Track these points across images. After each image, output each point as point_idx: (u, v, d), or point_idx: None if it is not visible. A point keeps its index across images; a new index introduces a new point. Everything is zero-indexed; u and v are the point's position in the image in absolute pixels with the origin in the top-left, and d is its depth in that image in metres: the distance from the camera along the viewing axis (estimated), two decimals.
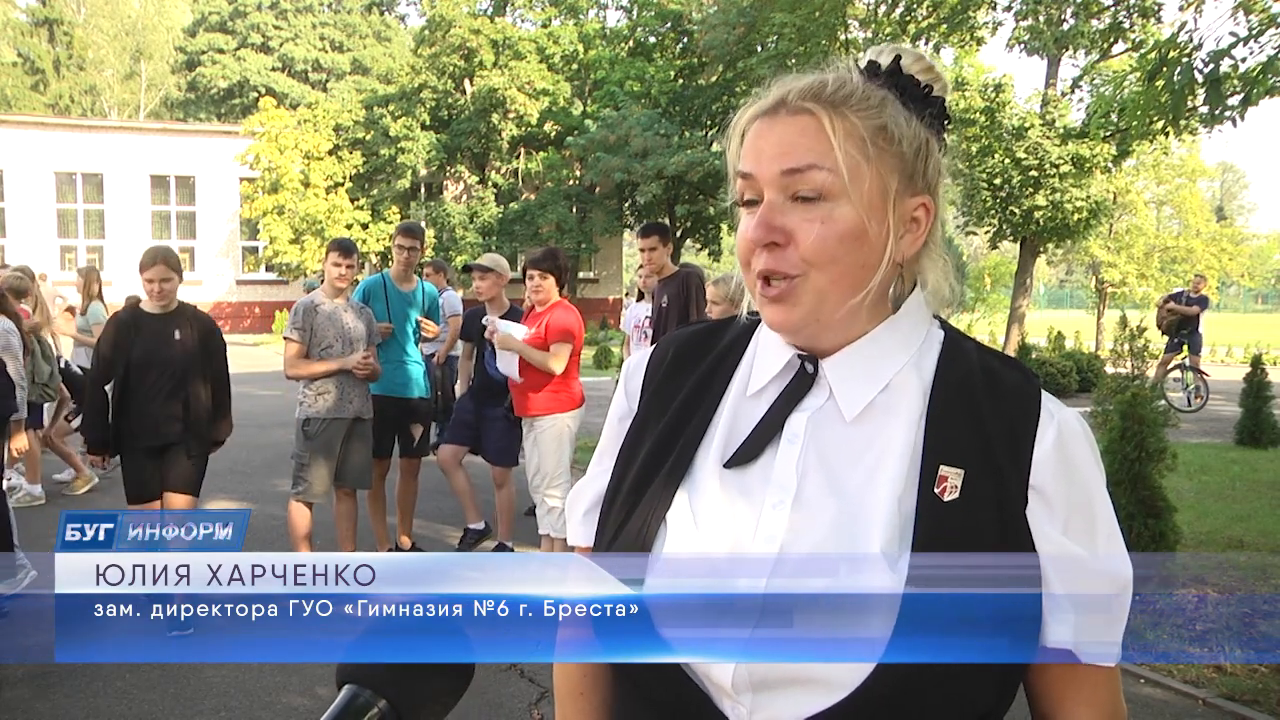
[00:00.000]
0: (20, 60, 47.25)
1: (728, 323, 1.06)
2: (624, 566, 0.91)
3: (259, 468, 8.62)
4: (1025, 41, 18.37)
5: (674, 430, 0.98)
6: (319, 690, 3.91)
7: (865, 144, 0.90)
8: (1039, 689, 0.92)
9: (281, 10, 46.30)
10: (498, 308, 5.60)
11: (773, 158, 0.90)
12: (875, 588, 0.82)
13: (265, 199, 28.73)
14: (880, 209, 0.91)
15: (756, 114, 0.94)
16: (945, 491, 0.86)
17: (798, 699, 0.83)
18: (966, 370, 0.93)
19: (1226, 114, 5.46)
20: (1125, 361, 5.59)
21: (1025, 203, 18.81)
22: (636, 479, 0.97)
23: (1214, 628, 4.98)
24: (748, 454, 0.93)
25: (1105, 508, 0.90)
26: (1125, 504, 4.87)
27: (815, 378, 0.94)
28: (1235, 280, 34.61)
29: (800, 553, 0.86)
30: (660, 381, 1.03)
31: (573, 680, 1.07)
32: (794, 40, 20.19)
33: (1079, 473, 0.89)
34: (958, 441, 0.89)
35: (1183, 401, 13.49)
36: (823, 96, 0.91)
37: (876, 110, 0.91)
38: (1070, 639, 0.85)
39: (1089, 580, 0.87)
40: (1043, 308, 45.79)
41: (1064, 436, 0.90)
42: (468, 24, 30.16)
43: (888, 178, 0.91)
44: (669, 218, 28.04)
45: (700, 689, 0.88)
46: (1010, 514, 0.86)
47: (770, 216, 0.90)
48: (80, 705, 3.75)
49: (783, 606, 0.83)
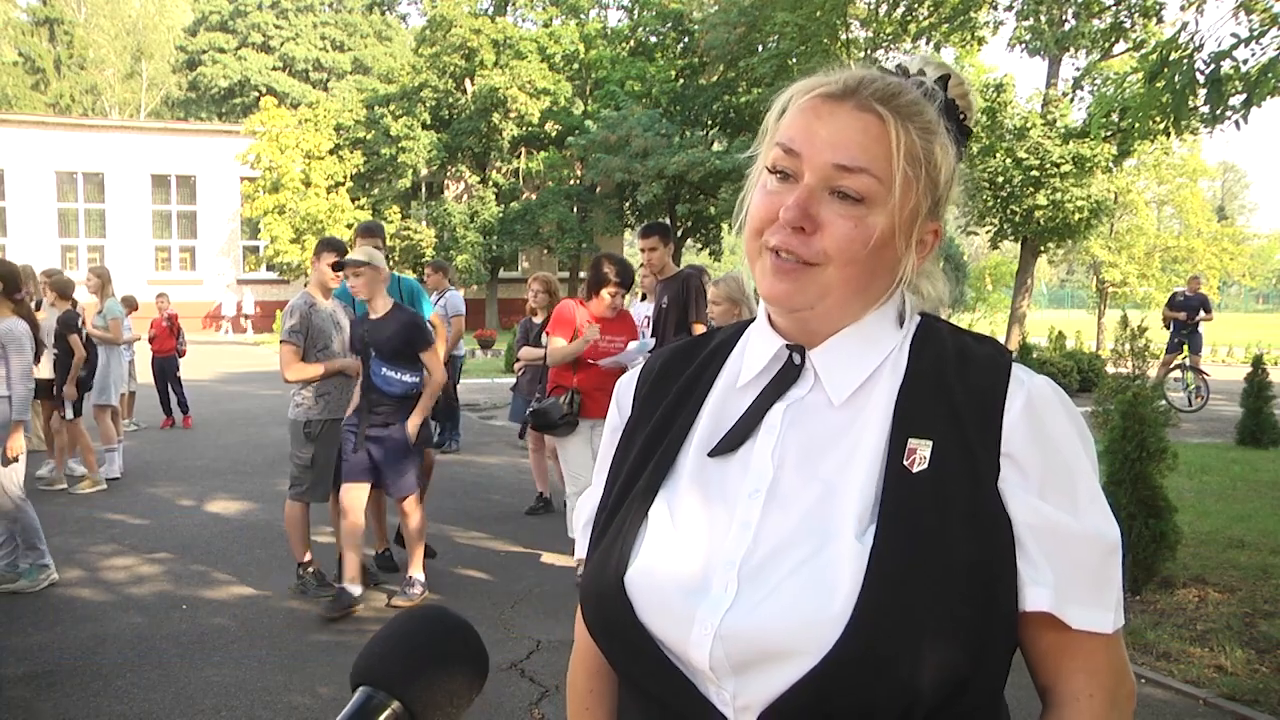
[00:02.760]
0: (21, 60, 47.27)
1: (717, 331, 1.08)
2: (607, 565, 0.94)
3: (259, 467, 8.63)
4: (1026, 41, 18.37)
5: (661, 429, 1.00)
6: (320, 689, 3.91)
7: (919, 164, 0.91)
8: (1035, 660, 0.91)
9: (282, 10, 46.32)
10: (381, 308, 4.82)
11: (828, 146, 0.90)
12: (841, 559, 0.84)
13: (266, 198, 28.75)
14: (908, 228, 0.92)
15: (821, 93, 0.92)
16: (914, 463, 0.87)
17: (774, 674, 0.83)
18: (938, 348, 0.94)
19: (1229, 115, 5.45)
20: (1126, 361, 5.59)
21: (1026, 202, 18.81)
22: (625, 480, 1.00)
23: (1214, 627, 5.01)
24: (730, 443, 0.95)
25: (1086, 471, 0.89)
26: (1126, 504, 4.87)
27: (802, 368, 0.96)
28: (1236, 280, 34.59)
29: (773, 538, 0.88)
30: (649, 390, 1.05)
31: (580, 696, 1.09)
32: (795, 40, 20.18)
33: (1053, 437, 0.89)
34: (926, 414, 0.89)
35: (1183, 401, 13.50)
36: (895, 103, 0.91)
37: (933, 134, 0.92)
38: (1050, 603, 0.85)
39: (1070, 545, 0.86)
40: (1044, 308, 45.80)
41: (1034, 402, 0.89)
42: (469, 23, 30.17)
43: (922, 200, 0.92)
44: (670, 217, 28.04)
45: (685, 676, 0.89)
46: (982, 483, 0.86)
47: (808, 202, 0.90)
48: (80, 705, 3.75)
49: (753, 582, 0.86)
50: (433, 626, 0.79)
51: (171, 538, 6.28)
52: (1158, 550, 4.87)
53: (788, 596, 0.84)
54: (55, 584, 5.19)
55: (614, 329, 5.28)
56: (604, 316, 5.25)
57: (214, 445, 9.99)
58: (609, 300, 5.21)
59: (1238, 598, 4.90)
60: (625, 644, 0.92)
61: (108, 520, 6.74)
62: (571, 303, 5.37)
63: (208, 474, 8.44)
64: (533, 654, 4.28)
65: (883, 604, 0.81)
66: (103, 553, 5.91)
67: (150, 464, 8.89)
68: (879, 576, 0.82)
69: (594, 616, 0.96)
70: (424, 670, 0.75)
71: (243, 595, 5.15)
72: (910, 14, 18.62)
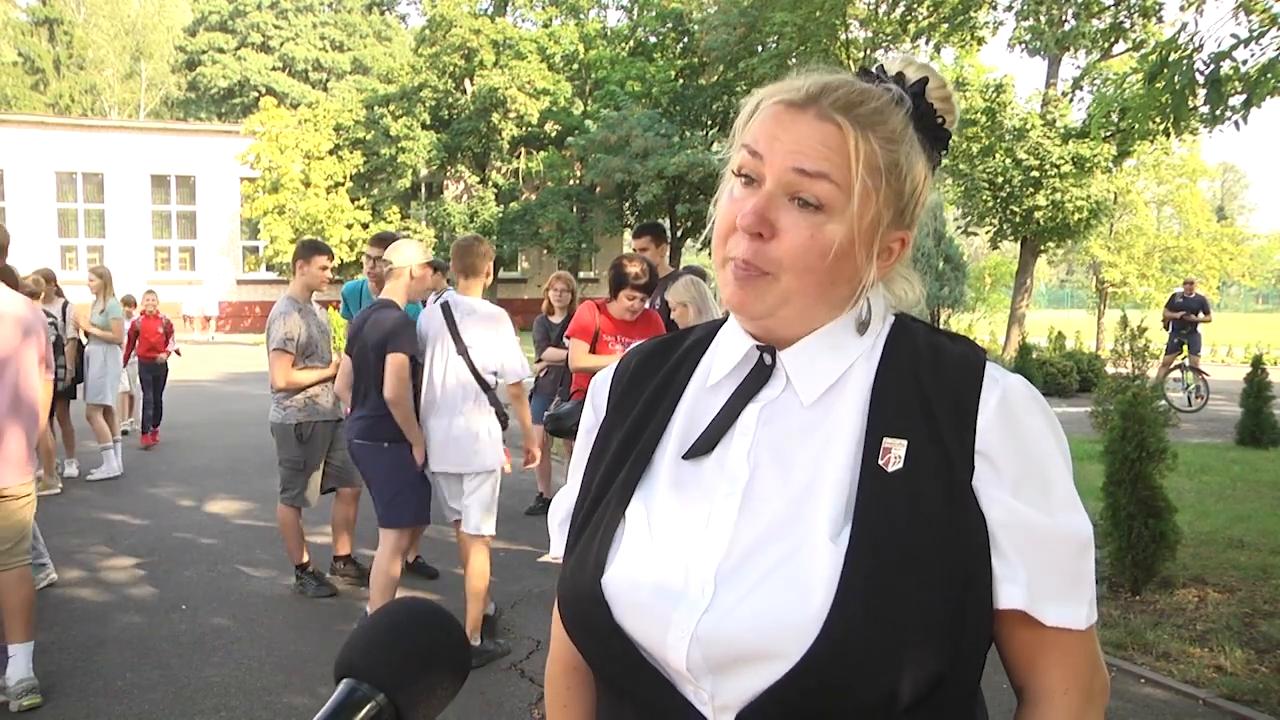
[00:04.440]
0: (20, 60, 47.25)
1: (692, 329, 1.08)
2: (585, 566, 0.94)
3: (259, 467, 8.62)
4: (1026, 41, 18.37)
5: (635, 431, 1.01)
6: (319, 690, 3.91)
7: (879, 174, 0.90)
8: (1010, 658, 0.92)
9: (282, 10, 46.30)
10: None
11: (788, 152, 0.90)
12: (817, 560, 0.84)
13: (266, 199, 28.72)
14: (868, 238, 0.91)
15: (784, 99, 0.92)
16: (889, 463, 0.87)
17: (752, 675, 0.84)
18: (912, 347, 0.94)
19: (1228, 115, 5.45)
20: (1126, 361, 5.60)
21: (1026, 202, 18.82)
22: (601, 482, 1.00)
23: (1214, 627, 5.01)
24: (704, 445, 0.95)
25: (1059, 469, 0.89)
26: (1125, 504, 4.86)
27: (773, 369, 0.96)
28: (1236, 280, 34.59)
29: (749, 539, 0.88)
30: (624, 390, 1.05)
31: (557, 693, 1.11)
32: (795, 40, 20.20)
33: (1026, 436, 0.89)
34: (901, 413, 0.89)
35: (1183, 401, 13.51)
36: (855, 112, 0.90)
37: (897, 143, 0.91)
38: (1023, 600, 0.86)
39: (1044, 542, 0.87)
40: (1043, 308, 45.80)
41: (1008, 400, 0.89)
42: (468, 24, 30.16)
43: (884, 210, 0.91)
44: (669, 218, 28.03)
45: (663, 677, 0.89)
46: (956, 482, 0.86)
47: (765, 208, 0.90)
48: (80, 705, 3.75)
49: (730, 583, 0.86)
50: (414, 618, 0.79)
51: (171, 537, 6.28)
52: (1157, 550, 4.87)
53: (764, 598, 0.84)
54: (55, 584, 5.19)
55: (635, 332, 5.11)
56: (622, 319, 5.10)
57: (214, 445, 9.99)
58: (626, 304, 5.05)
59: (1238, 598, 4.90)
60: (603, 645, 0.93)
61: (108, 520, 6.74)
62: (592, 306, 5.24)
63: (208, 474, 8.44)
64: (532, 654, 4.28)
65: (859, 605, 0.81)
66: (103, 553, 5.91)
67: (150, 464, 8.89)
68: (855, 577, 0.82)
69: (572, 618, 0.97)
70: (407, 662, 0.76)
71: (242, 595, 5.15)
72: (910, 14, 18.62)
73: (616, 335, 5.12)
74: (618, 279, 5.03)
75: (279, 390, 5.04)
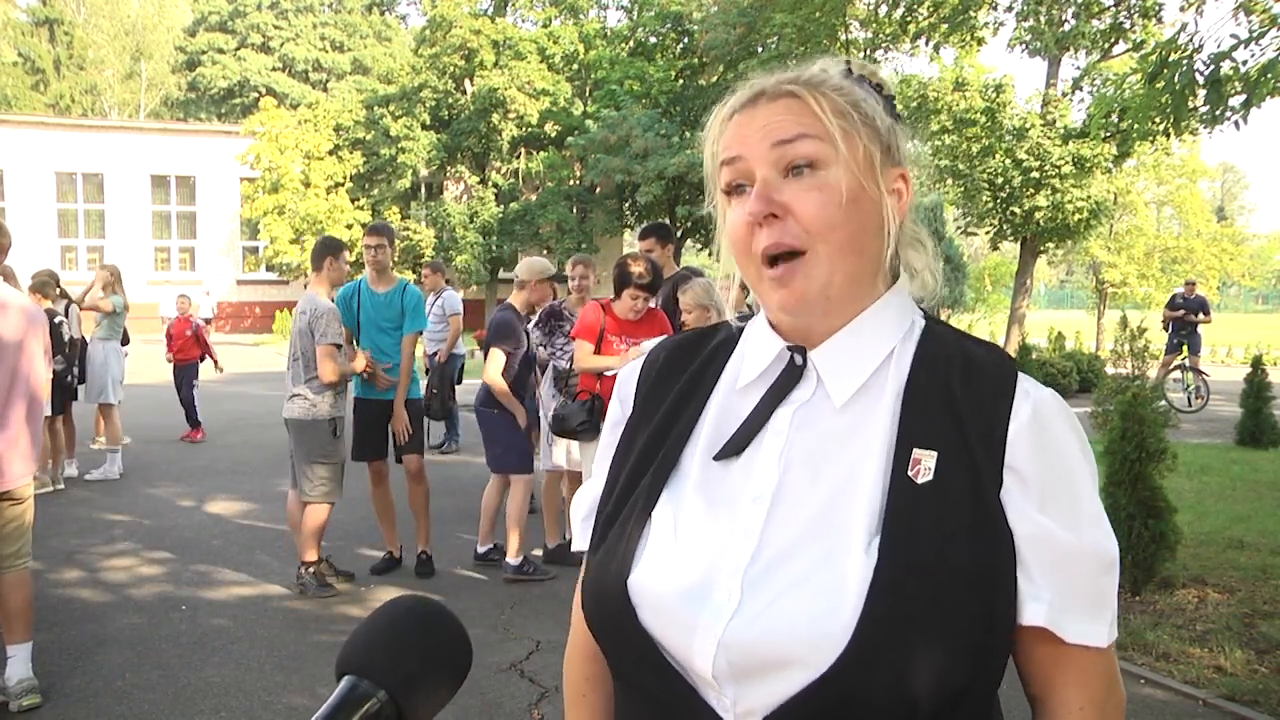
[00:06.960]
0: (20, 60, 47.25)
1: (720, 326, 1.08)
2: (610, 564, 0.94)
3: (260, 467, 8.63)
4: (1026, 42, 18.36)
5: (663, 429, 1.00)
6: (319, 690, 3.91)
7: (848, 115, 0.93)
8: (1028, 671, 0.92)
9: (282, 10, 46.30)
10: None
11: (761, 137, 0.93)
12: (847, 570, 0.83)
13: (266, 199, 28.71)
14: (870, 173, 0.93)
15: (735, 108, 0.97)
16: (919, 474, 0.87)
17: (776, 683, 0.83)
18: (943, 355, 0.94)
19: (1228, 115, 5.45)
20: (1126, 362, 5.60)
21: (1026, 203, 18.81)
22: (627, 480, 0.99)
23: (1214, 628, 5.00)
24: (734, 447, 0.94)
25: (1088, 487, 0.89)
26: (1125, 504, 4.86)
27: (804, 369, 0.95)
28: (1236, 280, 34.58)
29: (777, 545, 0.87)
30: (652, 385, 1.05)
31: (575, 684, 1.10)
32: (794, 40, 20.16)
33: (1057, 451, 0.89)
34: (931, 424, 0.89)
35: (1183, 402, 13.51)
36: (801, 81, 0.95)
37: (850, 91, 0.95)
38: (1046, 618, 0.86)
39: (1070, 559, 0.86)
40: (1043, 308, 45.77)
41: (1040, 415, 0.89)
42: (468, 24, 30.15)
43: (870, 145, 0.93)
44: (669, 218, 28.01)
45: (686, 681, 0.89)
46: (984, 495, 0.86)
47: (767, 190, 0.91)
48: (80, 705, 3.75)
49: (757, 589, 0.86)
50: (416, 617, 0.80)
51: (171, 538, 6.28)
52: (1157, 551, 4.87)
53: (792, 606, 0.84)
54: (55, 585, 5.18)
55: (641, 331, 5.09)
56: (626, 319, 5.09)
57: (214, 445, 9.99)
58: (630, 303, 5.04)
59: (1237, 598, 4.90)
60: (626, 646, 0.92)
61: (108, 520, 6.74)
62: (597, 306, 5.22)
63: (208, 474, 8.44)
64: (533, 654, 4.28)
65: (887, 617, 0.81)
66: (103, 553, 5.91)
67: (150, 464, 8.89)
68: (884, 589, 0.82)
69: (595, 618, 0.96)
70: (408, 660, 0.76)
71: (243, 595, 5.15)
72: (910, 14, 18.60)
73: (621, 335, 5.11)
74: (621, 278, 5.04)
75: (331, 384, 5.10)
